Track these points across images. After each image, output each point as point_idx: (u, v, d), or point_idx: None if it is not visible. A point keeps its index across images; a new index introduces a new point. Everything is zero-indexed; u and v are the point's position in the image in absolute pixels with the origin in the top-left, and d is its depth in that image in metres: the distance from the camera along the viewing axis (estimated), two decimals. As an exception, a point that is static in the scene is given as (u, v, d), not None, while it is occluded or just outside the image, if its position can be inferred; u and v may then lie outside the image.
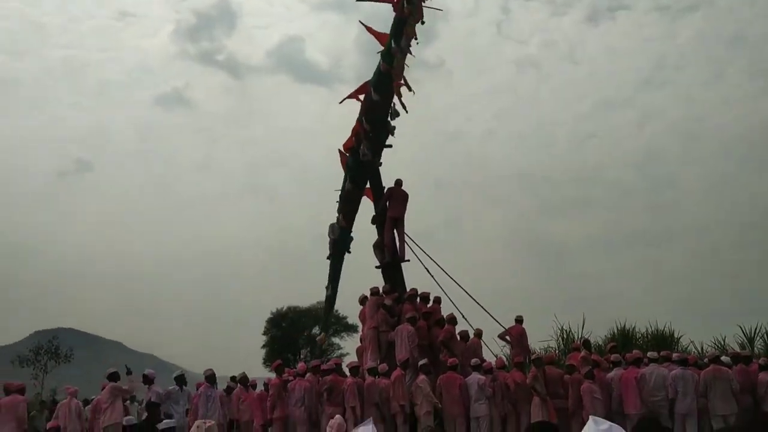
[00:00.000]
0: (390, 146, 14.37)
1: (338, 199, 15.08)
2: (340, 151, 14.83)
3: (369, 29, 13.27)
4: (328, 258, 15.44)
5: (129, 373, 13.22)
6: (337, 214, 15.18)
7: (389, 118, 13.55)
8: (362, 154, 13.83)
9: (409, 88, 13.36)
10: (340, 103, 14.21)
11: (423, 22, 12.73)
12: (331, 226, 15.32)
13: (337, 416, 6.98)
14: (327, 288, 16.31)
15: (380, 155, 14.34)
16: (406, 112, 13.32)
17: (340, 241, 15.28)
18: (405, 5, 12.30)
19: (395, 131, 13.90)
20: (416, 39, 12.90)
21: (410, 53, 13.01)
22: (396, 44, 12.61)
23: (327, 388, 12.12)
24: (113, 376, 12.49)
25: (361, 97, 13.78)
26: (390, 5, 12.67)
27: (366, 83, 13.63)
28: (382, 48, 12.98)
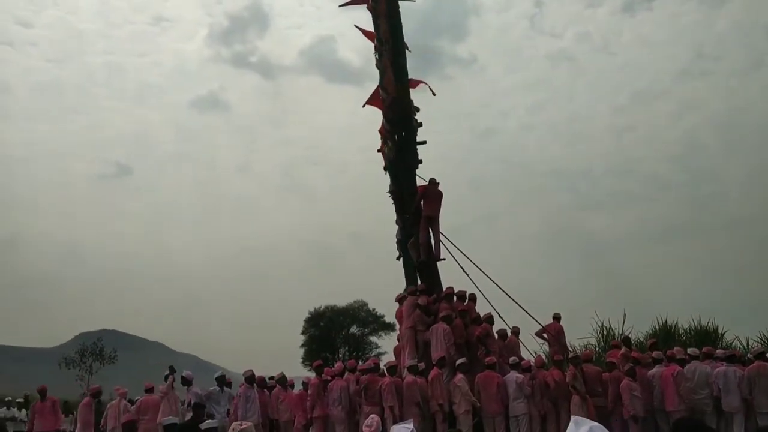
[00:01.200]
0: (424, 142, 14.38)
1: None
2: (379, 151, 14.91)
3: (364, 32, 13.78)
4: (397, 259, 15.21)
5: (172, 372, 13.61)
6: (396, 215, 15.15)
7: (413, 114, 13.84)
8: (386, 154, 14.04)
9: (432, 92, 14.21)
10: (363, 106, 14.37)
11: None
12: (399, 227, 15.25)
13: (373, 415, 7.00)
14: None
15: (411, 152, 14.34)
16: (434, 94, 14.26)
17: (403, 241, 15.18)
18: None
19: (420, 126, 14.13)
20: (408, 49, 13.73)
21: (407, 49, 13.69)
22: (378, 41, 13.23)
23: (363, 387, 12.20)
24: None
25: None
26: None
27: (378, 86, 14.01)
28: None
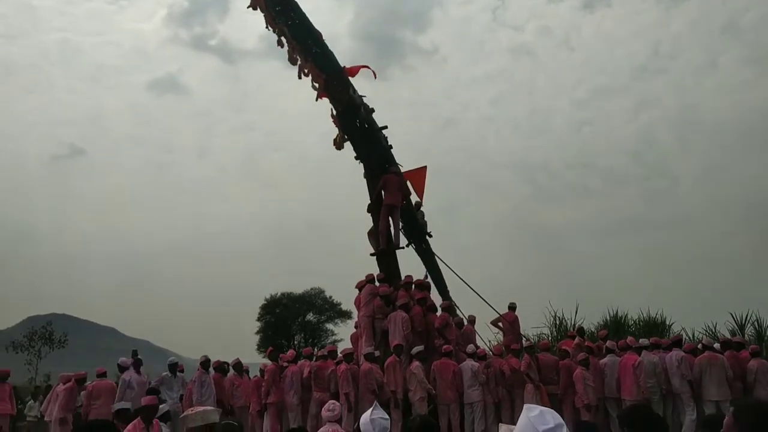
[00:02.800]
0: (384, 127, 14.37)
1: None
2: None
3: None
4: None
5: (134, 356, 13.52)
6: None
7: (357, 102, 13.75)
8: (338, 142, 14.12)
9: (374, 75, 14.01)
10: (316, 100, 14.11)
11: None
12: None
13: (334, 401, 7.00)
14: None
15: (360, 141, 14.34)
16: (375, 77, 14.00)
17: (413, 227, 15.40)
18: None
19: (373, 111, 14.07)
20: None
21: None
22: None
23: (313, 373, 12.24)
24: None
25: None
26: None
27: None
28: None
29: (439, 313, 13.51)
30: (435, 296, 14.12)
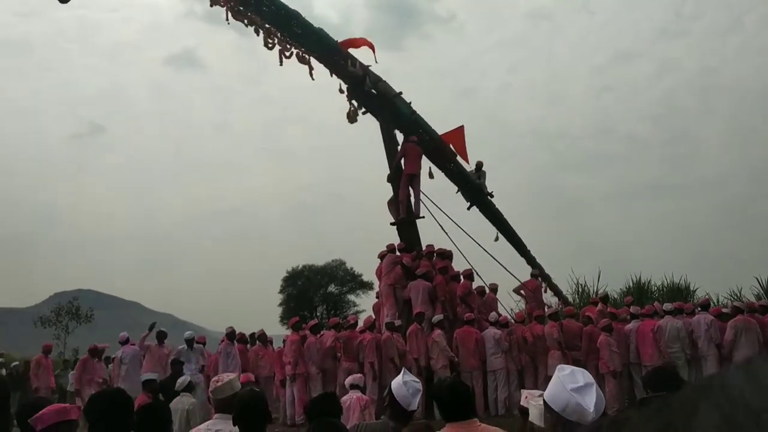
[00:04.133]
0: (400, 93, 14.32)
1: None
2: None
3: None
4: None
5: (152, 328, 13.85)
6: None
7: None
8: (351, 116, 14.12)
9: (375, 59, 14.03)
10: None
11: None
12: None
13: (359, 375, 7.07)
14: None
15: (371, 105, 14.38)
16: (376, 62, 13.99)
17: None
18: None
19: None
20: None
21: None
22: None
23: (343, 343, 12.29)
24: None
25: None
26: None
27: None
28: None
29: (461, 281, 13.48)
30: (459, 264, 14.05)
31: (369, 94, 14.02)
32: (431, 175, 14.83)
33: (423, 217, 14.18)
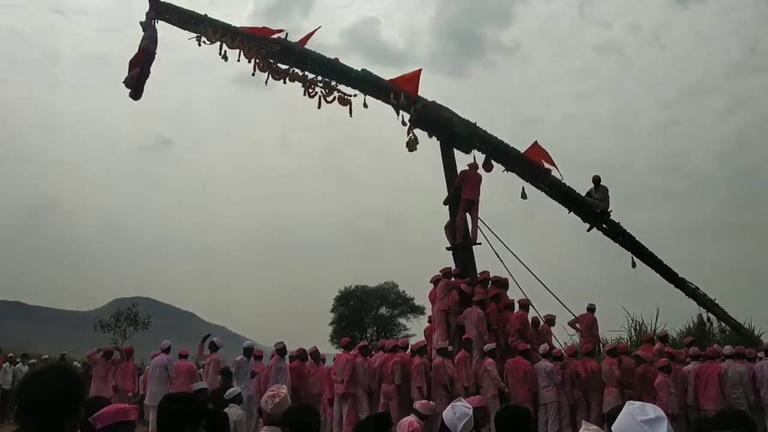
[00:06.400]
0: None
1: None
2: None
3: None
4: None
5: (205, 339, 14.29)
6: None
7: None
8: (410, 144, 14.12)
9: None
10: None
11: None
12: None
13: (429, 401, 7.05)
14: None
15: (430, 130, 14.30)
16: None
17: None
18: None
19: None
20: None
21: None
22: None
23: (379, 366, 12.32)
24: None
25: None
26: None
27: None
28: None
29: (515, 310, 13.32)
30: (514, 294, 13.87)
31: (427, 120, 14.03)
32: (524, 196, 14.52)
33: (480, 243, 14.10)
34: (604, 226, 15.04)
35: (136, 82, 13.17)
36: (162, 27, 13.57)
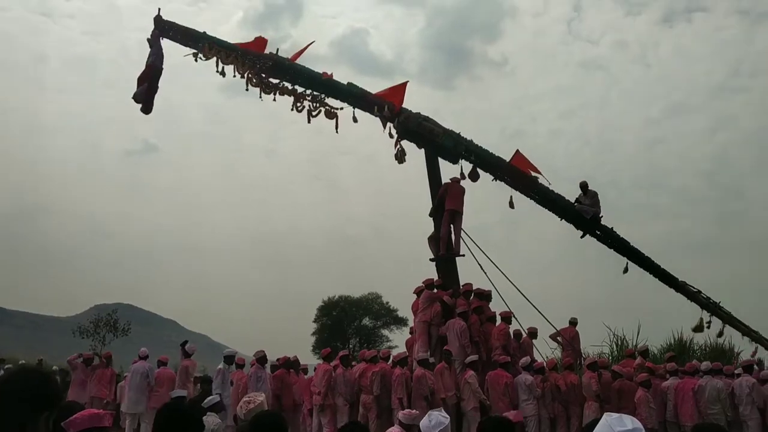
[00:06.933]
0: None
1: None
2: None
3: None
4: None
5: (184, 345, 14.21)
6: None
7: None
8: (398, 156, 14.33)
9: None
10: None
11: None
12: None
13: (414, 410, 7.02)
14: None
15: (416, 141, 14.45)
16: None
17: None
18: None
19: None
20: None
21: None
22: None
23: (358, 376, 12.31)
24: None
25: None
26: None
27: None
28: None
29: (497, 323, 13.32)
30: (498, 306, 13.86)
31: (410, 131, 14.17)
32: (511, 205, 14.54)
33: (463, 255, 14.10)
34: (597, 232, 14.95)
35: (145, 97, 13.86)
36: (146, 28, 13.98)
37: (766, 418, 11.25)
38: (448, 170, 14.63)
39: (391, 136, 14.21)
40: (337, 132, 14.33)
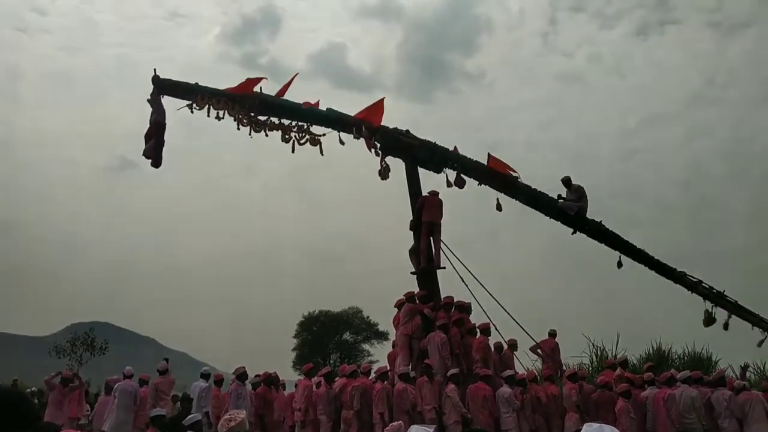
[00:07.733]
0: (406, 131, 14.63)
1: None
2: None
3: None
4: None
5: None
6: None
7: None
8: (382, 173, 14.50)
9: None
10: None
11: None
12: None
13: (399, 422, 6.99)
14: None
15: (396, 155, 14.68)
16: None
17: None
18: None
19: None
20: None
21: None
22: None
23: (338, 391, 12.25)
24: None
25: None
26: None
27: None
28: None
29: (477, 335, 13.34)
30: (479, 318, 13.89)
31: (390, 147, 14.43)
32: (499, 208, 14.69)
33: (444, 267, 14.13)
34: (586, 227, 14.89)
35: (154, 153, 14.59)
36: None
37: (743, 426, 11.33)
38: (431, 182, 14.74)
39: (376, 154, 14.42)
40: (322, 155, 14.80)
